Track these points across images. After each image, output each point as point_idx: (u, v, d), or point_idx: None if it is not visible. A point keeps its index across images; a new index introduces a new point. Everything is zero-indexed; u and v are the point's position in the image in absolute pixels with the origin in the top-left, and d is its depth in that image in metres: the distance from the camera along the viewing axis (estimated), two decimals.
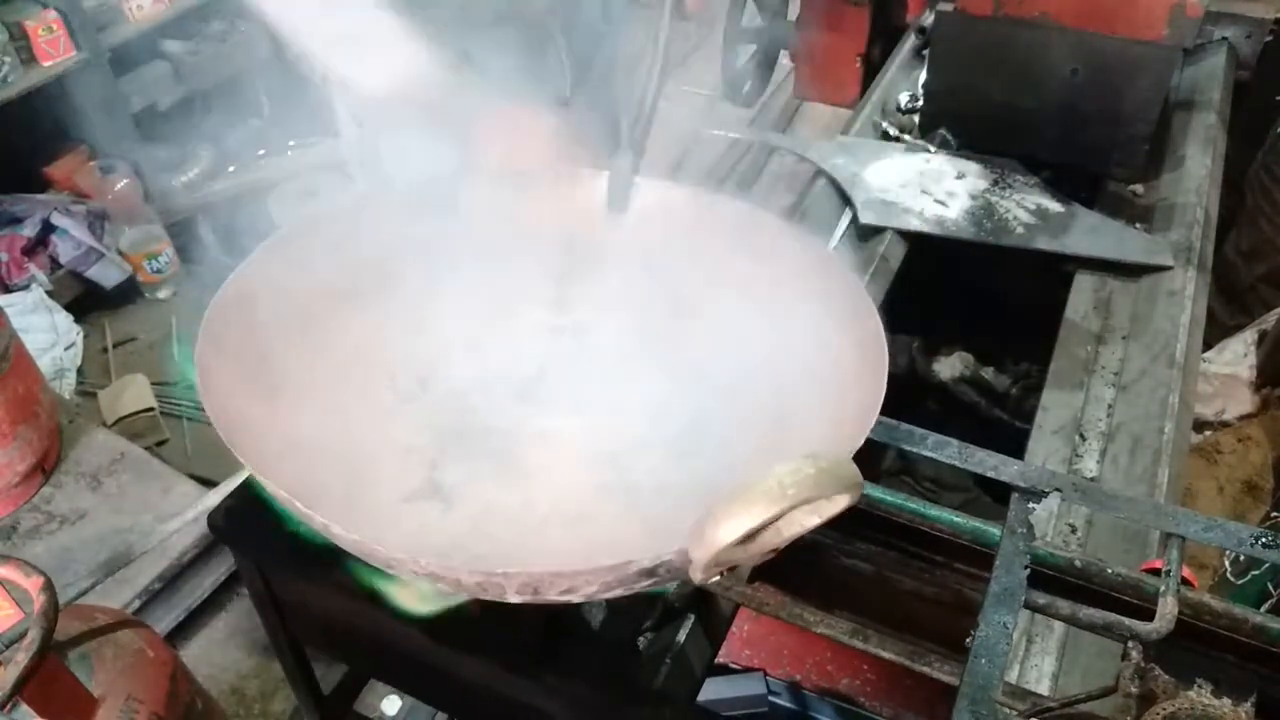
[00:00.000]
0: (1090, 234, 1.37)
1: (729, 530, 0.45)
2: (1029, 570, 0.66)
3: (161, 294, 2.65)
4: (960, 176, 1.48)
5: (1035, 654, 0.90)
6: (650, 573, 0.49)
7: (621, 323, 0.82)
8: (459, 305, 0.82)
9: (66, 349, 2.35)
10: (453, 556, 0.59)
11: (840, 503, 0.46)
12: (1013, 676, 0.87)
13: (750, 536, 0.45)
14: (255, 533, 0.76)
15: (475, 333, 0.83)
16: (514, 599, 0.51)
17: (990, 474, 0.73)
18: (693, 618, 0.81)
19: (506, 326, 0.84)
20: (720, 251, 0.78)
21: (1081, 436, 1.13)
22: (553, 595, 0.51)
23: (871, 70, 1.98)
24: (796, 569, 0.81)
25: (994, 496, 1.47)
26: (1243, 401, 1.87)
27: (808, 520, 0.46)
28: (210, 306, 0.68)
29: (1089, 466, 1.10)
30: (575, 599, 0.52)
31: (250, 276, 0.71)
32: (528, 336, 0.83)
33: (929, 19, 1.74)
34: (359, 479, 0.70)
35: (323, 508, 0.53)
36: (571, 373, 0.82)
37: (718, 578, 0.48)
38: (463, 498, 0.72)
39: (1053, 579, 0.71)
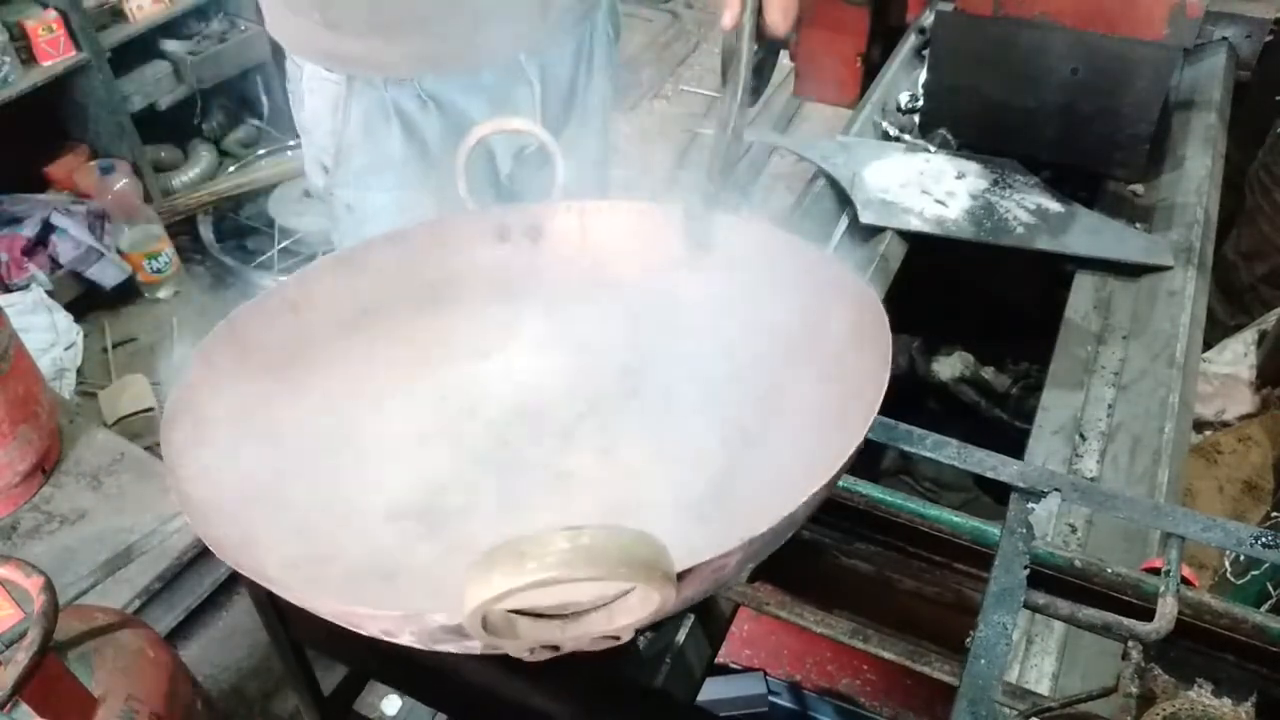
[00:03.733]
0: (1090, 234, 1.37)
1: (466, 601, 0.40)
2: (1028, 570, 0.66)
3: (161, 294, 2.65)
4: (960, 176, 1.48)
5: (1035, 654, 0.90)
6: (454, 630, 0.44)
7: (683, 371, 0.79)
8: (527, 336, 0.82)
9: (66, 349, 2.35)
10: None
11: (646, 600, 0.39)
12: (1013, 676, 0.87)
13: (507, 598, 0.39)
14: None
15: (538, 364, 0.82)
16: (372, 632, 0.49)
17: (989, 474, 0.73)
18: (692, 618, 0.81)
19: (573, 362, 0.82)
20: (790, 303, 0.74)
21: (1081, 436, 1.13)
22: (375, 632, 0.48)
23: (871, 70, 1.98)
24: (796, 569, 0.81)
25: (994, 497, 1.47)
26: (1243, 401, 1.87)
27: (609, 624, 0.40)
28: (264, 292, 0.70)
29: (1089, 466, 1.09)
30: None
31: (314, 276, 0.73)
32: (589, 375, 0.81)
33: (929, 19, 1.74)
34: (360, 486, 0.70)
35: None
36: (617, 419, 0.79)
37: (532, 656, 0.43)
38: (448, 526, 0.70)
39: (1052, 579, 0.71)
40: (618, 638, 0.42)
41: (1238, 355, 1.90)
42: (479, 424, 0.79)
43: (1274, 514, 1.61)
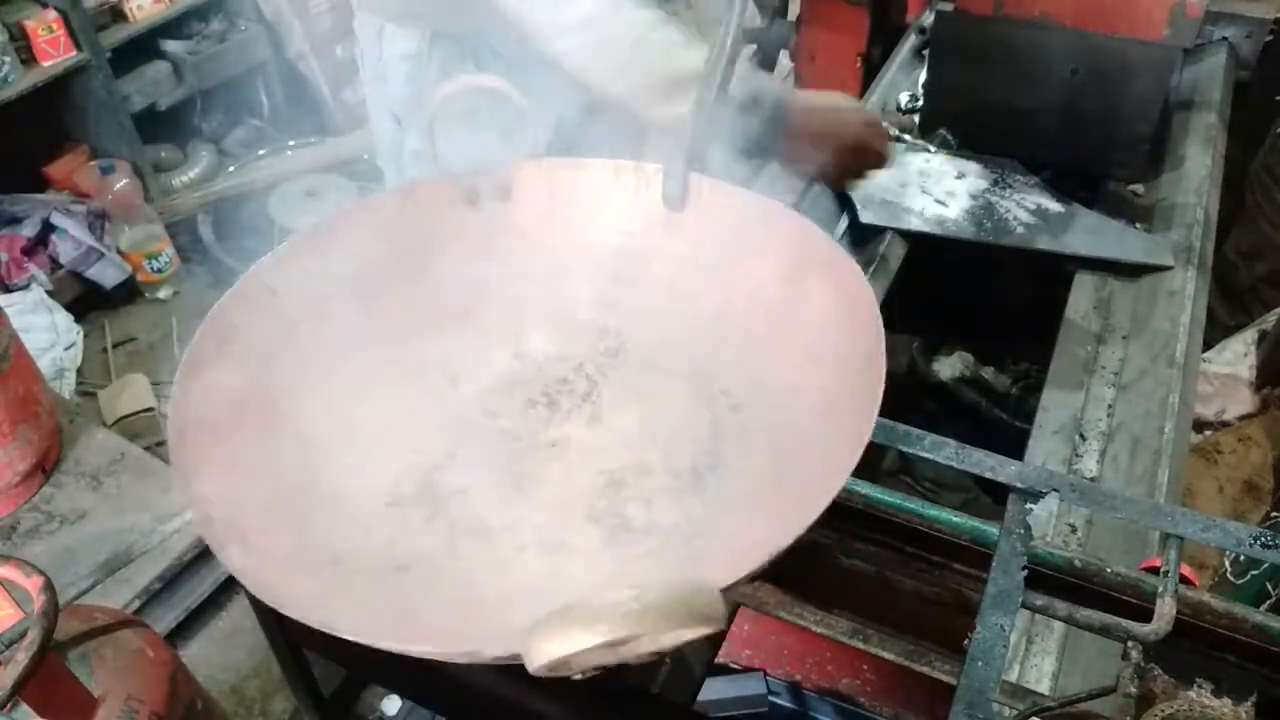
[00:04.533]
0: (1090, 234, 1.37)
1: (539, 654, 0.43)
2: (1026, 572, 0.66)
3: (161, 294, 2.65)
4: (960, 176, 1.48)
5: (1035, 654, 0.90)
6: (507, 657, 0.47)
7: (663, 333, 0.79)
8: (504, 300, 0.81)
9: (66, 349, 2.36)
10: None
11: (694, 633, 0.43)
12: (1013, 676, 0.87)
13: (578, 655, 0.43)
14: None
15: (517, 329, 0.81)
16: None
17: (987, 474, 0.73)
18: None
19: (551, 324, 0.82)
20: (768, 269, 0.75)
21: (1081, 436, 1.13)
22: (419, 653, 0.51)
23: (871, 70, 1.98)
24: (796, 569, 0.81)
25: (994, 497, 1.47)
26: (1243, 401, 1.87)
27: (656, 645, 0.44)
28: (241, 279, 0.69)
29: (1089, 466, 1.09)
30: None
31: (289, 255, 0.72)
32: (569, 337, 0.81)
33: (929, 19, 1.74)
34: (356, 472, 0.69)
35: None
36: (602, 382, 0.79)
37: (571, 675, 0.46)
38: (451, 508, 0.70)
39: (1052, 579, 0.71)
40: (662, 655, 0.45)
41: (1238, 355, 1.90)
42: (463, 395, 0.78)
43: (1274, 514, 1.61)
